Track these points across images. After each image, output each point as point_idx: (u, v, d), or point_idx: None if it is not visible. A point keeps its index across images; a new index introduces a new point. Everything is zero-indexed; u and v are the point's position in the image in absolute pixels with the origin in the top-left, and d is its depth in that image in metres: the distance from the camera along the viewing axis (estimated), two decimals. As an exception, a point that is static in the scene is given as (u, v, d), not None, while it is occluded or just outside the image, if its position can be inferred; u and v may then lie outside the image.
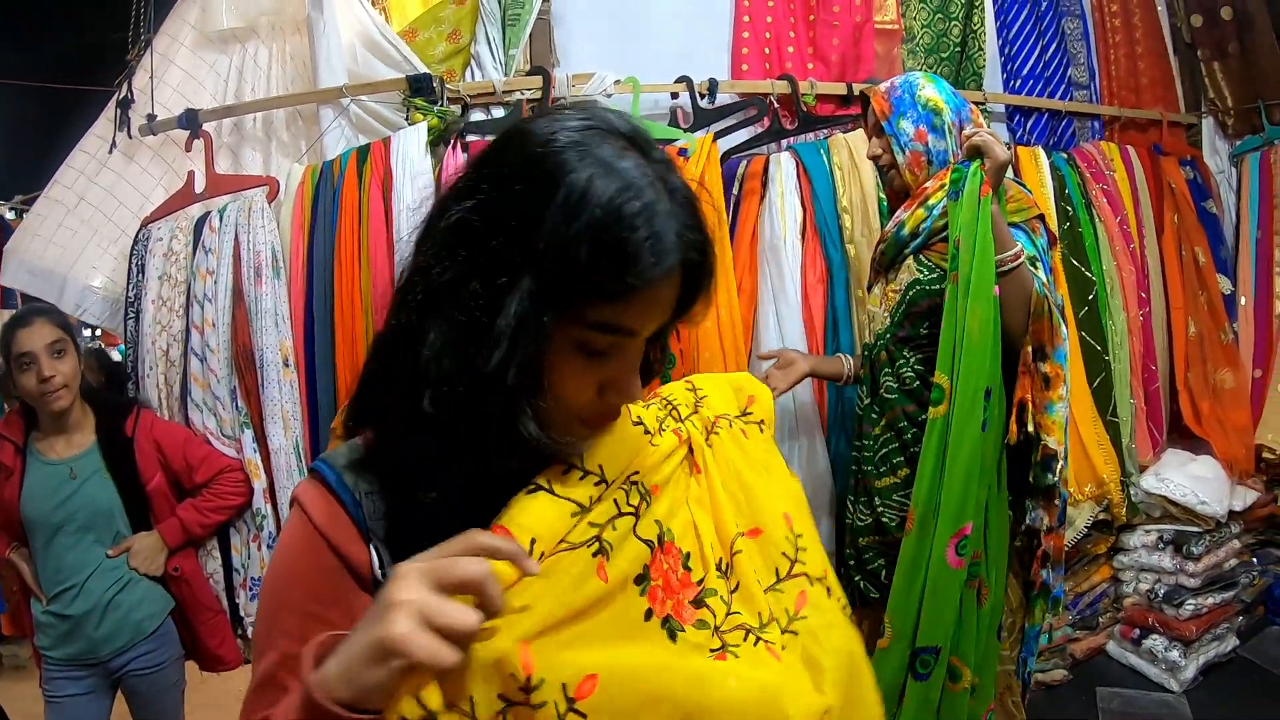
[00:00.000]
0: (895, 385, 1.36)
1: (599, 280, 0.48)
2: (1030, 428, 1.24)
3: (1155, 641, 2.22)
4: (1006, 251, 1.22)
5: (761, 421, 0.71)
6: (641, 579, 0.53)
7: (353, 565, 0.53)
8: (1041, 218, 1.32)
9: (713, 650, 0.54)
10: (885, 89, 1.43)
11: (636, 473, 0.57)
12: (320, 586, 0.53)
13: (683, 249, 0.50)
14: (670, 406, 0.66)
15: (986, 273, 1.19)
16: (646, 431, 0.60)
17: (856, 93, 1.98)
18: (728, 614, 0.56)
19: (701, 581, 0.56)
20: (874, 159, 1.45)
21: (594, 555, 0.51)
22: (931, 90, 1.40)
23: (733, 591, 0.58)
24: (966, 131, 1.30)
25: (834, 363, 1.58)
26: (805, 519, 0.66)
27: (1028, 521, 1.29)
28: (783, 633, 0.58)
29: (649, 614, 0.52)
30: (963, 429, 1.18)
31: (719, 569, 0.58)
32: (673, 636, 0.53)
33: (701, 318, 0.56)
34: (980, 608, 1.23)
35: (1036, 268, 1.26)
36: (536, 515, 0.51)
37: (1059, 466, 1.26)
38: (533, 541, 0.49)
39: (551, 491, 0.52)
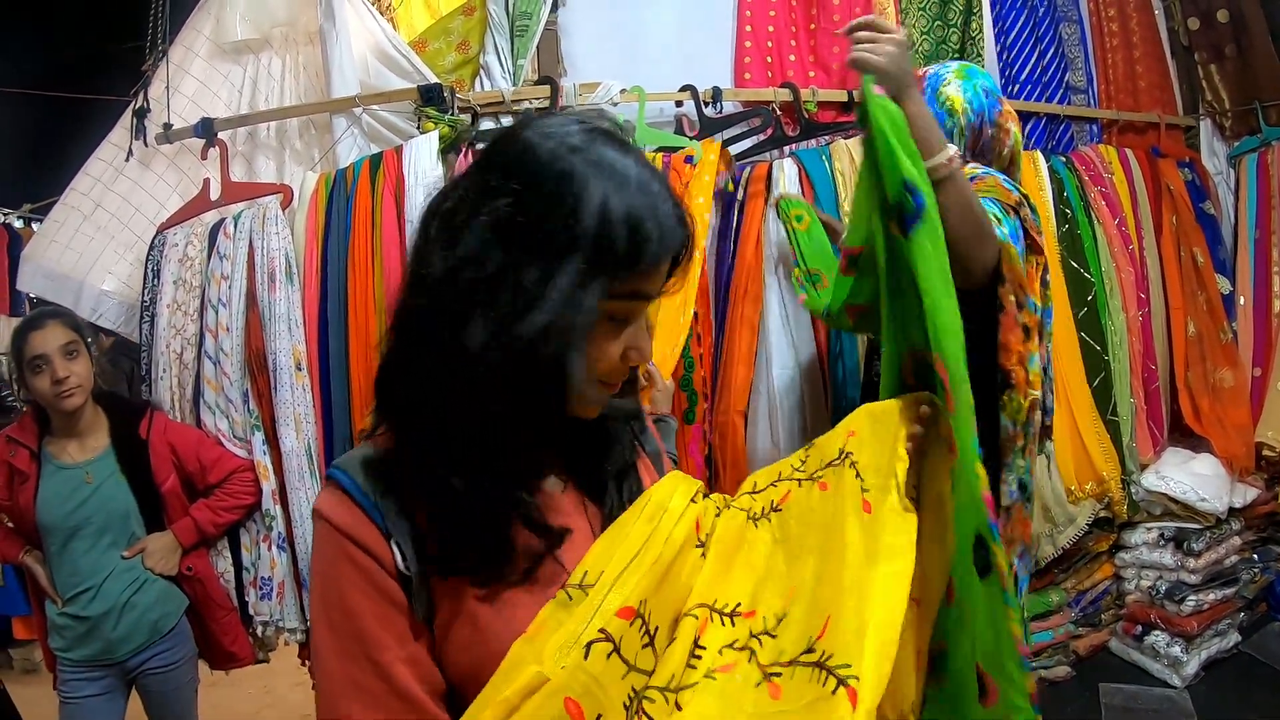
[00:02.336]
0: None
1: (630, 257, 0.57)
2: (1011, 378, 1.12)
3: (1157, 638, 2.23)
4: (935, 155, 0.99)
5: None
6: None
7: (383, 563, 0.56)
8: (1018, 209, 1.22)
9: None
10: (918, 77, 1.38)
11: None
12: (371, 587, 0.56)
13: (681, 225, 0.61)
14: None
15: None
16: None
17: (857, 99, 2.01)
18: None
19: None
20: None
21: None
22: (955, 89, 1.32)
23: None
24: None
25: None
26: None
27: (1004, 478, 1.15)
28: None
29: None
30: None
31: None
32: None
33: (679, 284, 0.65)
34: None
35: (1000, 224, 1.13)
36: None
37: (1038, 416, 1.17)
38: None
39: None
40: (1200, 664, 2.20)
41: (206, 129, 1.89)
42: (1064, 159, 2.31)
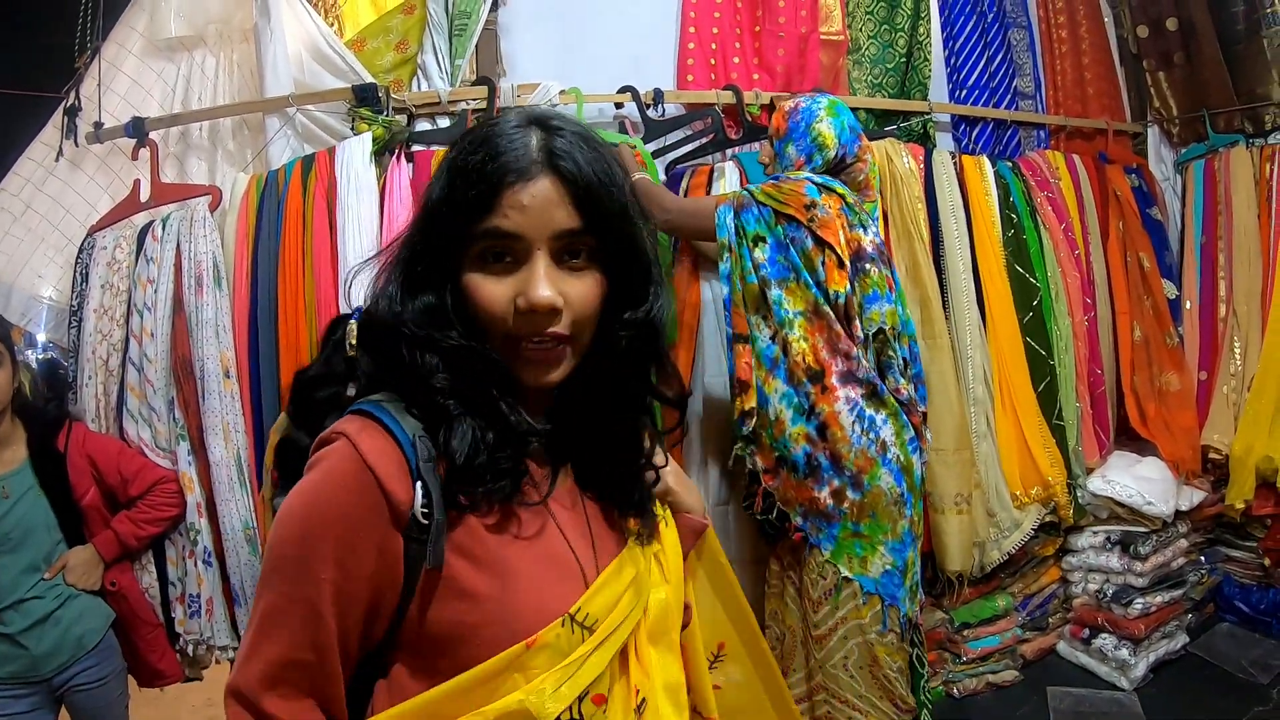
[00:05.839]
0: None
1: (466, 197, 0.58)
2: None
3: (1105, 640, 2.24)
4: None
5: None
6: None
7: (395, 503, 0.56)
8: (807, 209, 1.41)
9: None
10: (790, 108, 1.50)
11: None
12: (361, 521, 0.56)
13: (545, 157, 0.58)
14: None
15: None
16: None
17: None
18: None
19: None
20: (763, 165, 1.55)
21: None
22: (826, 125, 1.47)
23: None
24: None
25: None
26: None
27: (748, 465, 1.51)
28: None
29: None
30: None
31: None
32: None
33: (620, 231, 0.62)
34: None
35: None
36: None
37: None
38: None
39: None
40: (1148, 666, 2.21)
41: (137, 128, 1.84)
42: (1010, 164, 2.32)
